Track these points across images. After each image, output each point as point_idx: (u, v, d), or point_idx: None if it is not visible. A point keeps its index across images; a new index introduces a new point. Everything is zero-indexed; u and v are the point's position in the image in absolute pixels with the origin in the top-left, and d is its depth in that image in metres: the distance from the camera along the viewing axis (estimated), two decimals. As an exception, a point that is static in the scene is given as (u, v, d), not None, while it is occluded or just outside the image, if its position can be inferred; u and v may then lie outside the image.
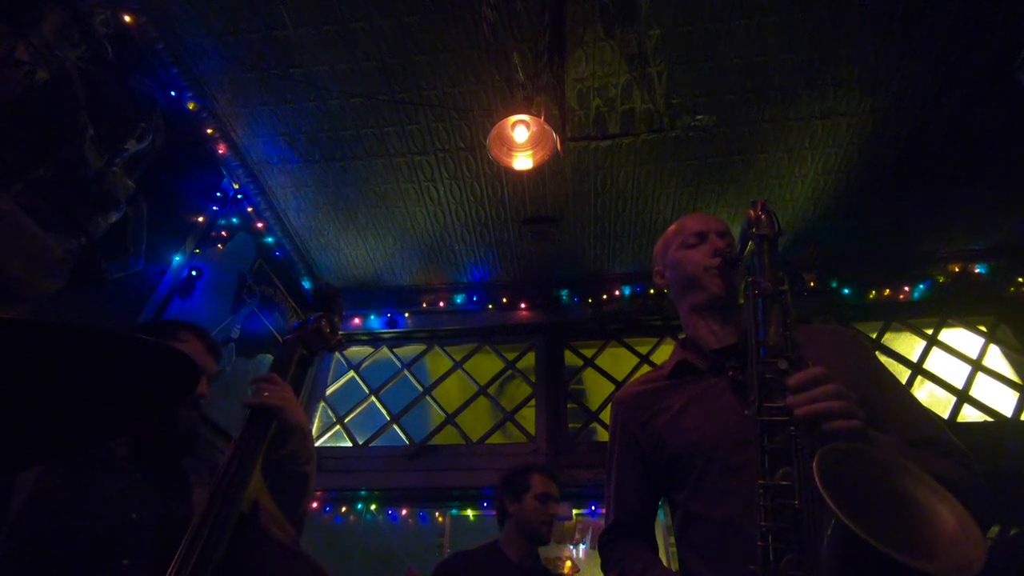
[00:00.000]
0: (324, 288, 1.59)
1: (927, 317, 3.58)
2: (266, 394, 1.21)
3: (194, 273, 2.64)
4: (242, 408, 1.20)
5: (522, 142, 2.46)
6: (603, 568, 1.20)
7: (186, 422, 1.22)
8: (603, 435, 3.46)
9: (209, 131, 2.85)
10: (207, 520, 0.98)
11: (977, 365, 3.35)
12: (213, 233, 2.86)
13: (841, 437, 0.77)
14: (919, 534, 0.65)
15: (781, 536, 0.80)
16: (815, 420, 0.80)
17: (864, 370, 1.06)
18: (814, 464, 0.69)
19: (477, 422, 3.63)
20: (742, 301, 1.06)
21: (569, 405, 3.53)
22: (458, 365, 3.78)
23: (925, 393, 3.44)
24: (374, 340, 3.91)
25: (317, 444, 3.41)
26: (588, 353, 3.76)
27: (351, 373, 3.80)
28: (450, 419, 3.54)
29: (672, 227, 1.34)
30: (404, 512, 3.64)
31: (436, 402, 3.64)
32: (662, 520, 2.92)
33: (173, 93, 2.63)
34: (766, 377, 0.90)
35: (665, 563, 1.15)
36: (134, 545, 1.06)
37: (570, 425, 3.44)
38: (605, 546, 1.20)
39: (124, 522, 1.07)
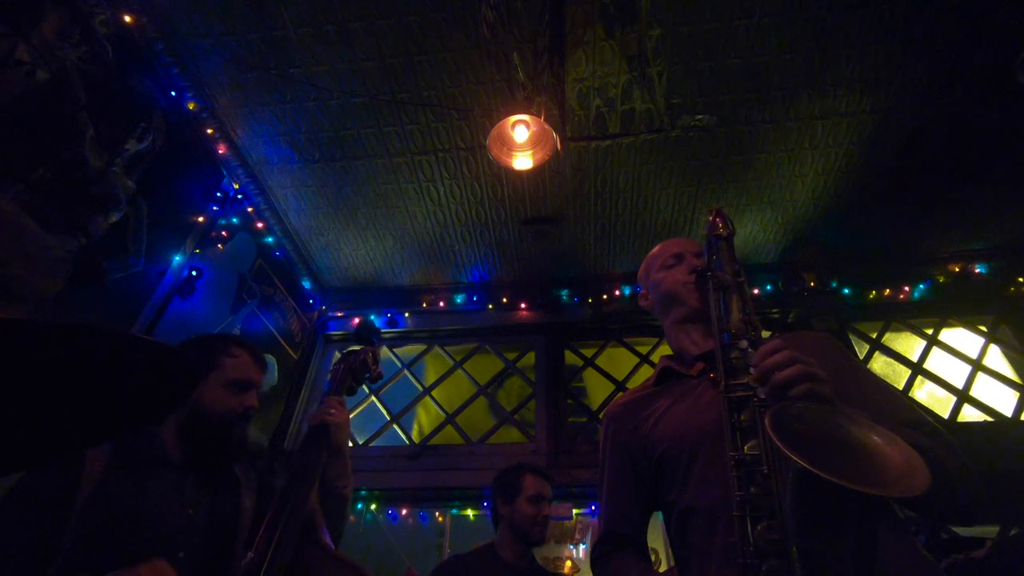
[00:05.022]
0: (368, 324, 1.72)
1: (927, 317, 3.57)
2: (332, 411, 1.39)
3: (194, 273, 2.64)
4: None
5: (522, 142, 2.46)
6: None
7: (238, 431, 1.31)
8: (603, 435, 3.45)
9: (209, 131, 2.85)
10: (279, 518, 1.12)
11: (977, 365, 3.35)
12: (213, 233, 2.86)
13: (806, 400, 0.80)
14: (869, 471, 0.69)
15: (755, 504, 0.84)
16: (778, 384, 0.81)
17: (844, 368, 1.07)
18: (766, 418, 0.73)
19: (477, 422, 3.63)
20: None
21: (568, 403, 3.53)
22: (458, 365, 3.78)
23: (925, 393, 3.44)
24: (374, 340, 3.91)
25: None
26: (588, 353, 3.76)
27: (351, 373, 3.79)
28: (450, 419, 3.54)
29: (653, 251, 1.46)
30: (404, 512, 3.63)
31: (436, 402, 3.64)
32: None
33: (173, 93, 2.63)
34: (730, 358, 0.97)
35: None
36: (189, 540, 1.13)
37: (571, 419, 3.44)
38: (598, 560, 1.16)
39: (180, 518, 1.15)
